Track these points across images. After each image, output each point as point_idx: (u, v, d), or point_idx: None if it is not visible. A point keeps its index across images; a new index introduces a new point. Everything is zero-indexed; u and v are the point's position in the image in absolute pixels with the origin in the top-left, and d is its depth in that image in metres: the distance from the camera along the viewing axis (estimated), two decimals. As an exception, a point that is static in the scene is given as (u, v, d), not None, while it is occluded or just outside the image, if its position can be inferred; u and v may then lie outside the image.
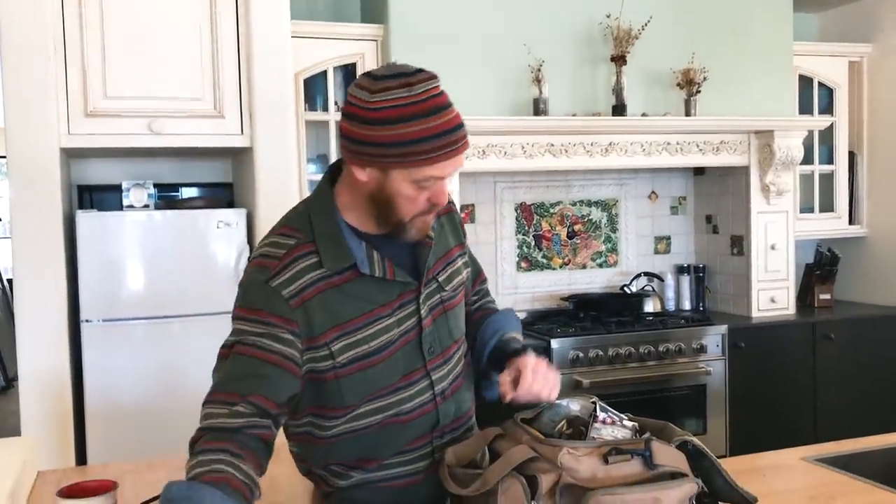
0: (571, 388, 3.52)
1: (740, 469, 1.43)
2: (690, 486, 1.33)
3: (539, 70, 3.58)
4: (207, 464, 1.31)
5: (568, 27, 3.73)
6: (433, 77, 1.37)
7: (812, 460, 1.81)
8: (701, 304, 4.35)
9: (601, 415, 1.50)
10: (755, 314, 4.13)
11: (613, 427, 1.48)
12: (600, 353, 3.63)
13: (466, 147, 1.39)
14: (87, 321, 3.00)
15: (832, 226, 4.47)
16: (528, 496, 1.34)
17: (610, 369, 3.65)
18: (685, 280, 4.38)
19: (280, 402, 1.39)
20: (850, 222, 4.52)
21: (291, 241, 1.43)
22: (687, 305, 4.36)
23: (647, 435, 1.44)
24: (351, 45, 3.52)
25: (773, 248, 4.14)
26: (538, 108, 3.60)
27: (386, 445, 1.51)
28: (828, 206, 4.47)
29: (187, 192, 3.66)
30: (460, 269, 1.62)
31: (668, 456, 1.37)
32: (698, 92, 3.81)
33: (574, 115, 3.68)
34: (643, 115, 3.78)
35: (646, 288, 4.27)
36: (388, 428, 1.50)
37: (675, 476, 1.35)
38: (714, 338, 3.87)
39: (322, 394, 1.46)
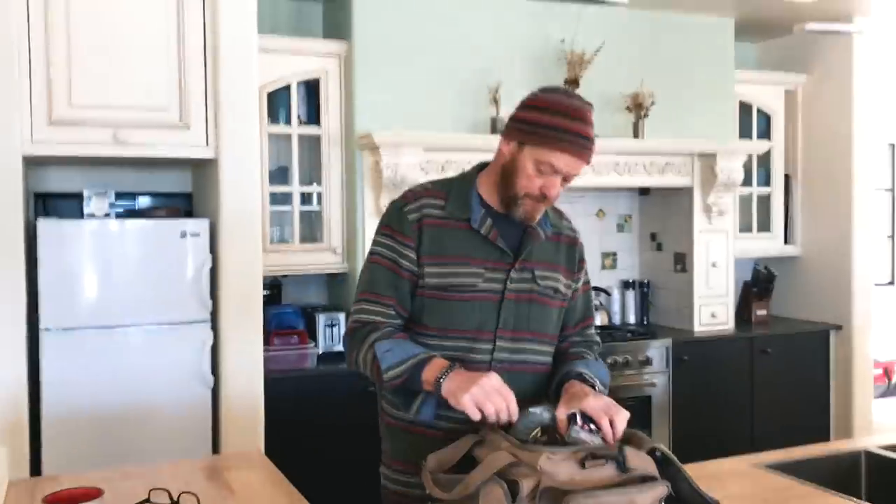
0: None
1: (697, 475, 1.53)
2: (662, 489, 1.44)
3: (497, 91, 3.69)
4: (389, 330, 1.70)
5: (526, 50, 3.86)
6: (588, 103, 1.72)
7: (763, 467, 1.93)
8: (645, 318, 4.51)
9: (580, 421, 1.60)
10: (697, 328, 4.31)
11: (589, 433, 1.58)
12: (551, 365, 3.74)
13: (585, 156, 1.68)
14: (46, 329, 2.97)
15: (769, 245, 4.69)
16: (510, 499, 1.42)
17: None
18: (630, 295, 4.53)
19: (407, 306, 1.75)
20: (786, 242, 4.75)
21: (429, 186, 1.83)
22: (632, 319, 4.52)
23: (617, 443, 1.55)
24: (314, 60, 3.58)
25: (714, 265, 4.32)
26: (495, 127, 3.70)
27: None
28: (765, 226, 4.69)
29: (145, 201, 3.65)
30: (560, 281, 1.82)
31: (639, 461, 1.47)
32: (646, 115, 3.97)
33: (530, 134, 3.79)
34: (595, 136, 3.90)
35: (594, 302, 4.40)
36: None
37: (645, 480, 1.45)
38: (659, 351, 4.03)
39: (411, 307, 1.76)
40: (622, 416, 1.59)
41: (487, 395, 1.55)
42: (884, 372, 6.51)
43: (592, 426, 1.60)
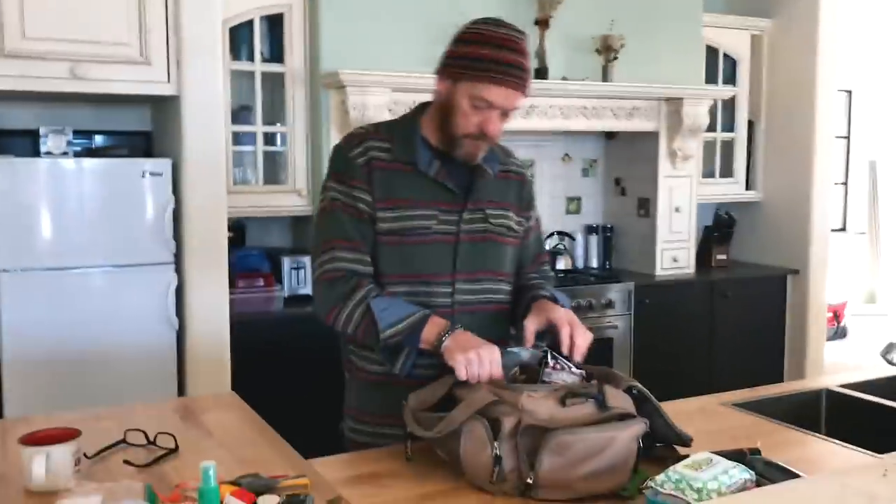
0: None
1: (669, 413, 1.57)
2: (640, 427, 1.47)
3: (466, 30, 3.62)
4: (376, 287, 1.68)
5: (495, -12, 3.78)
6: (522, 32, 1.67)
7: (730, 405, 1.98)
8: (608, 263, 4.56)
9: (551, 361, 1.61)
10: (658, 272, 4.37)
11: (563, 373, 1.60)
12: (517, 308, 3.77)
13: (519, 87, 1.63)
14: (3, 271, 2.89)
15: (730, 190, 4.75)
16: (491, 437, 1.44)
17: (525, 323, 3.79)
18: (594, 239, 4.57)
19: (370, 247, 1.71)
20: (747, 188, 4.81)
21: (372, 129, 1.78)
22: (595, 263, 4.56)
23: (594, 382, 1.57)
24: (279, -6, 3.47)
25: (677, 210, 4.37)
26: (464, 67, 3.65)
27: None
28: (727, 171, 4.74)
29: (101, 140, 3.54)
30: (511, 219, 1.81)
31: (618, 399, 1.49)
32: (615, 59, 3.95)
33: (498, 76, 3.75)
34: (563, 78, 3.89)
35: (558, 246, 4.43)
36: None
37: (623, 417, 1.48)
38: (621, 294, 4.08)
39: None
40: (584, 334, 1.65)
41: (481, 363, 1.55)
42: (833, 315, 6.71)
43: (564, 363, 1.61)
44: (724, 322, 4.38)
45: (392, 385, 1.71)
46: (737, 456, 1.47)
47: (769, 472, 1.38)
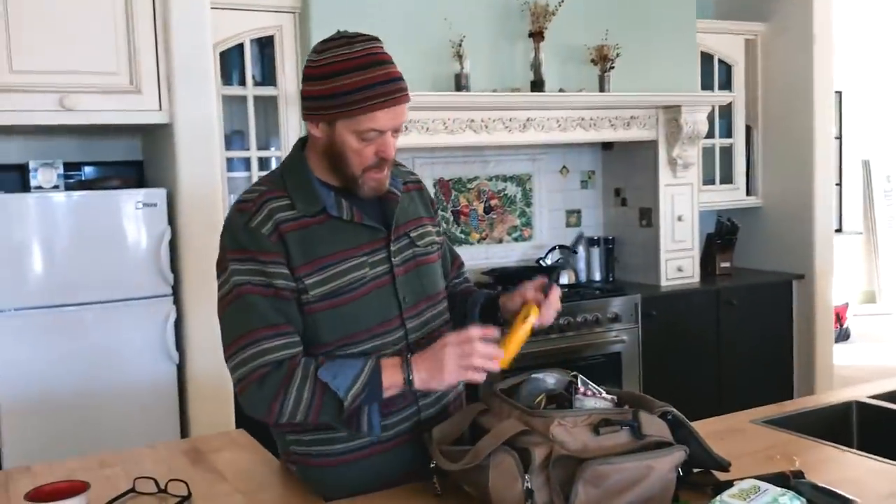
0: (496, 361, 3.57)
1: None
2: (679, 455, 1.39)
3: (460, 45, 3.58)
4: (313, 360, 1.49)
5: (489, 2, 3.73)
6: (373, 38, 1.51)
7: (760, 422, 1.91)
8: (611, 275, 4.49)
9: (581, 387, 1.54)
10: (664, 283, 4.30)
11: (594, 399, 1.52)
12: (523, 325, 3.69)
13: (403, 100, 1.51)
14: (-3, 311, 2.81)
15: (731, 196, 4.70)
16: (521, 470, 1.36)
17: (532, 341, 3.67)
18: (595, 252, 4.50)
19: (300, 329, 1.52)
20: (748, 193, 4.76)
21: (263, 188, 1.56)
22: (597, 276, 4.49)
23: (627, 407, 1.50)
24: (268, 16, 3.40)
25: (679, 219, 4.31)
26: (460, 83, 3.59)
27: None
28: (727, 178, 4.69)
29: (91, 171, 3.45)
30: (431, 232, 1.71)
31: (653, 426, 1.42)
32: (612, 68, 3.91)
33: (494, 90, 3.70)
34: (560, 90, 3.84)
35: (559, 260, 4.36)
36: None
37: (660, 445, 1.41)
38: (627, 307, 4.01)
39: (305, 328, 1.53)
40: (555, 290, 1.66)
41: (466, 361, 1.47)
42: (835, 317, 6.66)
43: (594, 389, 1.55)
44: (731, 330, 4.32)
45: (355, 461, 1.57)
46: (781, 480, 1.41)
47: (819, 498, 1.32)
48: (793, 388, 4.62)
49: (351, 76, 1.44)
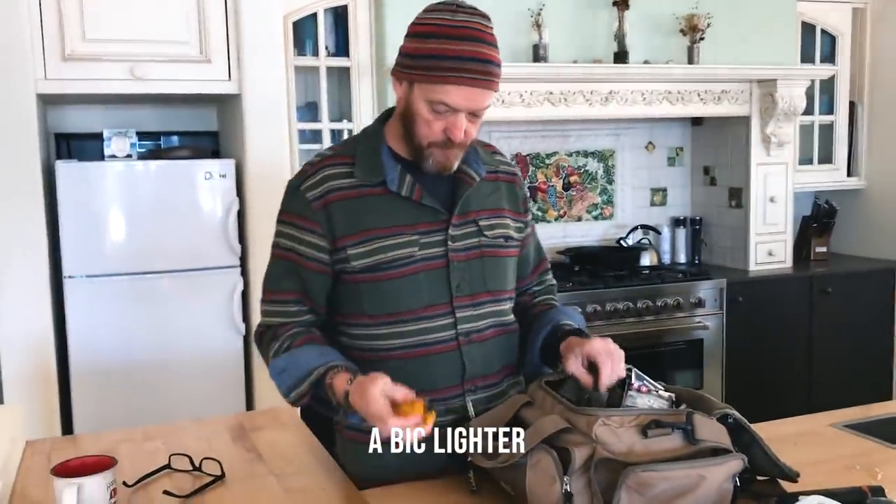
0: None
1: (769, 438, 1.35)
2: (736, 463, 1.27)
3: (539, 14, 3.43)
4: (286, 339, 1.48)
5: (569, -32, 3.57)
6: (482, 14, 1.42)
7: (841, 427, 1.75)
8: (697, 258, 4.28)
9: (636, 383, 1.42)
10: (752, 268, 4.07)
11: (649, 396, 1.40)
12: (598, 308, 3.56)
13: (484, 84, 1.39)
14: (69, 277, 2.86)
15: (830, 178, 4.39)
16: (560, 471, 1.26)
17: (607, 324, 3.58)
18: (681, 233, 4.30)
19: (318, 301, 1.53)
20: (849, 174, 4.45)
21: (330, 153, 1.55)
22: (682, 259, 4.29)
23: (684, 407, 1.37)
24: (342, -14, 3.34)
25: (772, 200, 4.06)
26: (538, 54, 3.45)
27: (412, 380, 1.39)
28: (826, 157, 4.39)
29: (168, 141, 3.49)
30: (508, 226, 1.60)
31: (710, 430, 1.29)
32: (702, 39, 3.68)
33: (575, 62, 3.55)
34: (645, 62, 3.65)
35: (642, 241, 4.19)
36: (414, 361, 1.49)
37: (716, 452, 1.28)
38: (712, 292, 3.81)
39: (346, 299, 1.52)
40: (621, 363, 1.41)
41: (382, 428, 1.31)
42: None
43: (650, 384, 1.42)
44: (824, 320, 4.05)
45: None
46: (855, 496, 1.26)
47: (897, 522, 1.16)
48: (892, 386, 4.31)
49: (440, 42, 1.38)
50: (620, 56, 3.58)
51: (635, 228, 4.18)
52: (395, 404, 1.30)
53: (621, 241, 4.14)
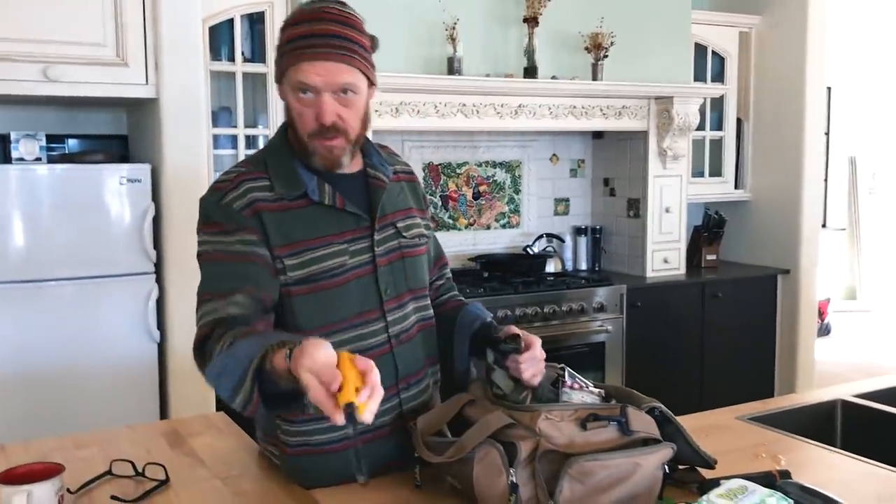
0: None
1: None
2: (667, 452, 1.38)
3: (454, 28, 3.53)
4: (227, 338, 1.33)
5: (483, -15, 3.69)
6: (344, 4, 1.48)
7: (745, 419, 1.90)
8: (597, 265, 4.48)
9: (569, 380, 1.53)
10: (649, 274, 4.30)
11: (582, 392, 1.51)
12: (508, 312, 3.69)
13: (333, 57, 1.41)
14: (-26, 284, 2.75)
15: (720, 189, 4.69)
16: (506, 463, 1.34)
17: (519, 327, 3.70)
18: (582, 241, 4.49)
19: (268, 293, 1.44)
20: (736, 187, 4.76)
21: (243, 169, 1.51)
22: (584, 266, 4.48)
23: (615, 402, 1.48)
24: (259, -8, 3.34)
25: (667, 210, 4.30)
26: (452, 67, 3.55)
27: None
28: (716, 171, 4.68)
29: (74, 144, 3.39)
30: (419, 224, 1.65)
31: (641, 422, 1.40)
32: (605, 56, 3.87)
33: (487, 75, 3.67)
34: (553, 77, 3.80)
35: (547, 249, 4.35)
36: None
37: (647, 442, 1.39)
38: (612, 297, 4.00)
39: (280, 312, 1.48)
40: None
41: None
42: (818, 312, 6.70)
43: (581, 382, 1.53)
44: (714, 323, 4.33)
45: (334, 451, 1.51)
46: (767, 479, 1.40)
47: (806, 500, 1.30)
48: (774, 382, 4.64)
49: (289, 29, 1.44)
50: (530, 71, 3.73)
51: (540, 237, 4.34)
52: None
53: (528, 249, 4.29)
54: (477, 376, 1.63)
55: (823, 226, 8.00)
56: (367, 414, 1.13)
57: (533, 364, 1.50)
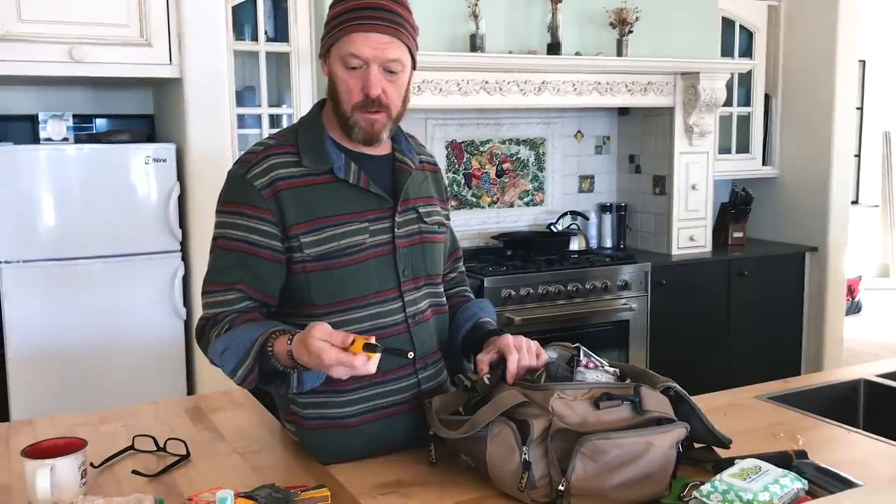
0: (503, 326, 3.55)
1: (701, 408, 1.48)
2: (680, 431, 1.38)
3: (476, 5, 3.51)
4: (226, 322, 1.44)
5: (505, -39, 3.66)
6: None
7: (765, 399, 1.89)
8: (622, 243, 4.46)
9: (584, 359, 1.52)
10: (675, 252, 4.27)
11: (596, 371, 1.51)
12: (531, 290, 3.68)
13: (384, 30, 1.45)
14: (5, 262, 2.81)
15: (747, 166, 4.63)
16: (520, 441, 1.35)
17: (539, 306, 3.71)
18: (607, 219, 4.47)
19: (270, 291, 1.50)
20: (764, 163, 4.69)
21: (272, 142, 1.55)
22: (609, 243, 4.46)
23: (629, 381, 1.48)
24: (282, -29, 3.34)
25: (693, 187, 4.26)
26: (475, 44, 3.53)
27: None
28: (744, 147, 4.62)
29: (102, 124, 3.44)
30: (440, 213, 1.68)
31: (655, 401, 1.40)
32: (630, 32, 3.83)
33: (510, 52, 3.64)
34: (577, 54, 3.77)
35: (571, 226, 4.33)
36: None
37: (661, 421, 1.39)
38: (637, 275, 3.98)
39: (294, 289, 1.52)
40: (532, 356, 1.48)
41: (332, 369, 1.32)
42: (848, 290, 6.61)
43: (597, 361, 1.53)
44: (741, 301, 4.29)
45: (350, 427, 1.53)
46: (783, 459, 1.39)
47: (822, 480, 1.30)
48: (801, 361, 4.60)
49: (343, 3, 1.47)
50: (553, 47, 3.69)
51: (564, 214, 4.33)
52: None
53: (551, 227, 4.28)
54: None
55: (856, 202, 7.89)
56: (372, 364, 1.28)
57: (514, 356, 1.47)
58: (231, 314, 1.46)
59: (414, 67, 1.55)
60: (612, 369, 1.52)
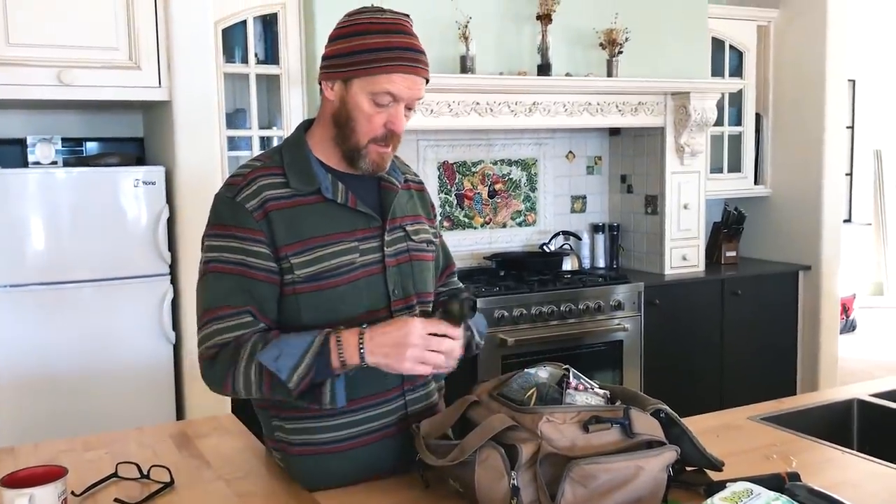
0: (496, 347, 3.54)
1: (692, 431, 1.46)
2: (670, 454, 1.36)
3: (466, 27, 3.52)
4: (259, 339, 1.43)
5: (496, -17, 3.67)
6: (405, 13, 1.52)
7: (759, 419, 1.88)
8: (615, 263, 4.45)
9: (573, 381, 1.51)
10: (667, 271, 4.26)
11: (586, 394, 1.49)
12: (524, 311, 3.66)
13: (423, 73, 1.48)
14: (-8, 287, 2.79)
15: (739, 185, 4.63)
16: (508, 466, 1.33)
17: (532, 327, 3.69)
18: (600, 239, 4.46)
19: (269, 313, 1.48)
20: (756, 182, 4.70)
21: (258, 163, 1.53)
22: (601, 263, 4.45)
23: (619, 404, 1.46)
24: (272, -6, 3.35)
25: (685, 207, 4.26)
26: (465, 65, 3.54)
27: (357, 386, 1.49)
28: (735, 166, 4.62)
29: (92, 147, 3.42)
30: (428, 230, 1.67)
31: (645, 424, 1.38)
32: (620, 52, 3.84)
33: (501, 73, 3.65)
34: (567, 74, 3.78)
35: (563, 246, 4.32)
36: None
37: (651, 444, 1.37)
38: (630, 295, 3.97)
39: (283, 310, 1.50)
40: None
41: (429, 357, 1.40)
42: (842, 308, 6.60)
43: (586, 383, 1.51)
44: (735, 321, 4.27)
45: (336, 452, 1.52)
46: (775, 482, 1.37)
47: (815, 502, 1.28)
48: (796, 380, 4.58)
49: (376, 37, 1.44)
50: (544, 68, 3.70)
51: (557, 234, 4.32)
52: None
53: (544, 247, 4.27)
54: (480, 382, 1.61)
55: (848, 220, 7.90)
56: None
57: None
58: (258, 332, 1.44)
59: None
60: (601, 391, 1.50)
